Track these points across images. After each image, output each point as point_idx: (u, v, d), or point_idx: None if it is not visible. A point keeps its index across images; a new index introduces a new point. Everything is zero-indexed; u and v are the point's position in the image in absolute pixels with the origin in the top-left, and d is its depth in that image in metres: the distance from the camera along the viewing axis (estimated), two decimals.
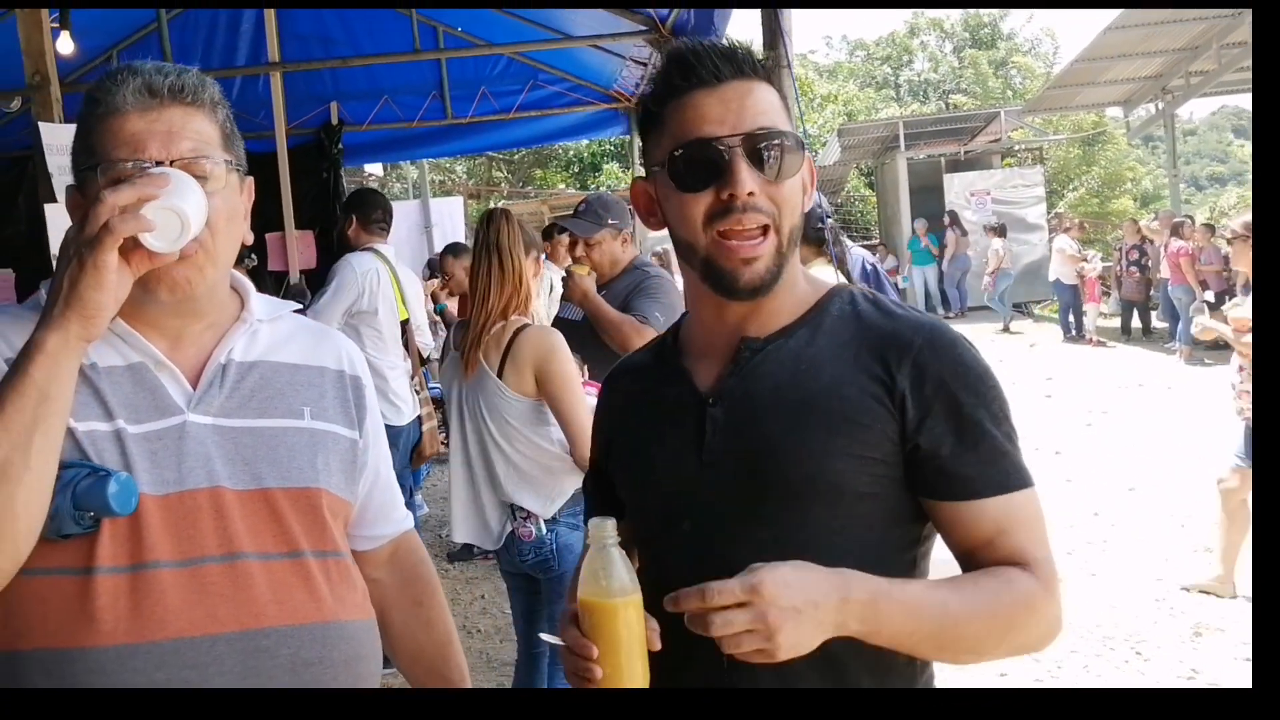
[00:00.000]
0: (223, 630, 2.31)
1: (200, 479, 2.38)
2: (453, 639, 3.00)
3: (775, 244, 2.34)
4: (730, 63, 2.35)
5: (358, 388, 2.75)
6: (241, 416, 2.48)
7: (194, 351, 2.50)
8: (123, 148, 2.33)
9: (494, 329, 5.49)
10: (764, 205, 2.32)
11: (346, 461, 2.64)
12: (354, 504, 2.69)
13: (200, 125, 2.42)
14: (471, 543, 5.85)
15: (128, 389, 2.38)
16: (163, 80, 2.38)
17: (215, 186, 2.38)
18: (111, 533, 2.27)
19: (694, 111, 2.35)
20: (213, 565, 2.34)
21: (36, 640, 2.28)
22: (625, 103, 15.19)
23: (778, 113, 2.36)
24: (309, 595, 2.45)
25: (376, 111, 15.19)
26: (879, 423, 2.30)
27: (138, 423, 2.37)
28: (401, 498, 2.98)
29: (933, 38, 68.96)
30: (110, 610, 2.25)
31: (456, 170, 41.99)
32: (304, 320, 2.82)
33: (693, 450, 2.42)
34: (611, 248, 7.08)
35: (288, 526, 2.45)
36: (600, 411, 2.82)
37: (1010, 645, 2.32)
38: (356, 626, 2.56)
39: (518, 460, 5.48)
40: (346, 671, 2.49)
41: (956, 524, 2.34)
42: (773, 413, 2.35)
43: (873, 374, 2.33)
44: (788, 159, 2.34)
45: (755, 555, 2.12)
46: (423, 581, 2.98)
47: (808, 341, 2.41)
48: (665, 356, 2.64)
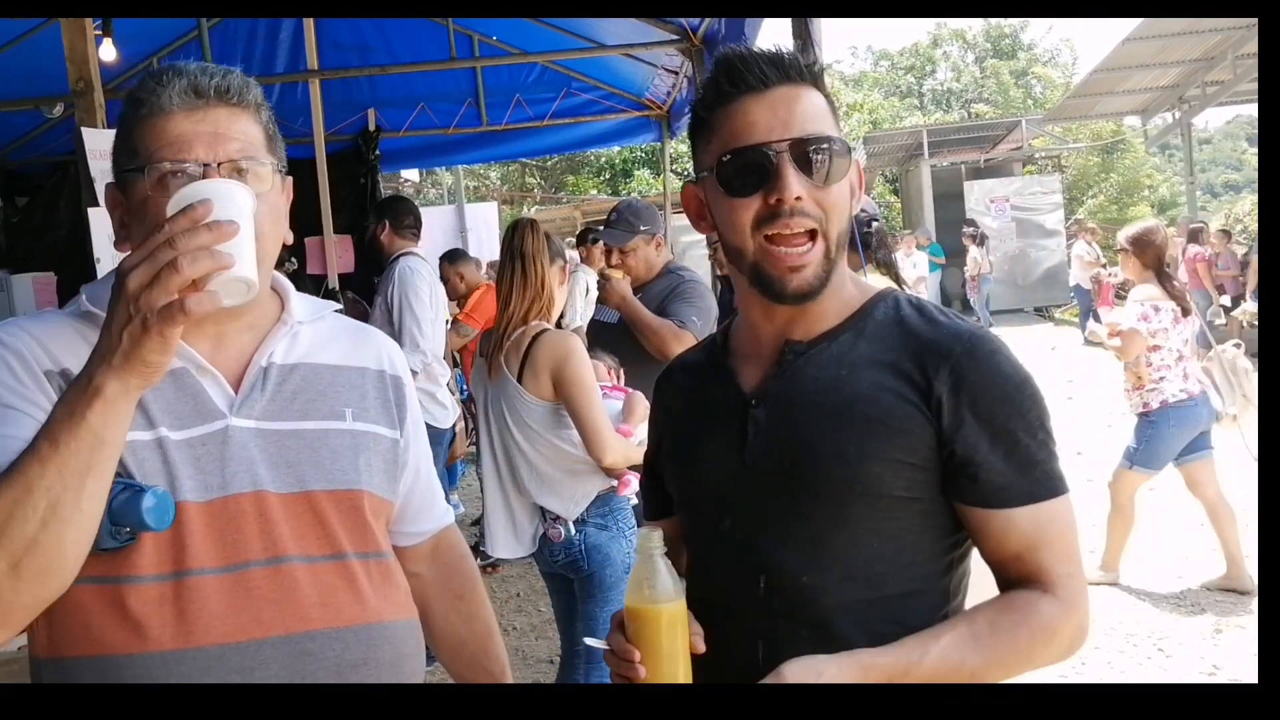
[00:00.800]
0: (268, 634, 2.28)
1: (244, 483, 2.33)
2: (494, 632, 2.97)
3: (823, 249, 2.34)
4: (777, 68, 2.33)
5: (398, 387, 2.71)
6: (284, 419, 2.44)
7: (235, 354, 2.45)
8: (168, 149, 2.29)
9: (515, 334, 5.50)
10: (811, 210, 2.30)
11: (388, 461, 2.61)
12: (396, 503, 2.66)
13: (245, 126, 2.38)
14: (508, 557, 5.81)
15: (169, 395, 2.33)
16: (208, 81, 2.33)
17: (261, 189, 2.33)
18: (154, 542, 2.23)
19: (742, 118, 2.33)
20: (258, 569, 2.31)
21: (82, 648, 2.25)
22: (656, 110, 15.16)
23: (825, 117, 2.35)
24: (353, 597, 2.42)
25: (413, 118, 15.13)
26: (916, 428, 2.29)
27: (180, 429, 2.32)
28: (442, 493, 2.94)
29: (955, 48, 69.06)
30: (155, 617, 2.22)
31: (491, 176, 42.06)
32: (345, 320, 2.77)
33: (735, 450, 2.42)
34: (646, 253, 7.10)
35: (331, 529, 2.42)
36: (655, 409, 2.83)
37: (1032, 668, 2.31)
38: (400, 626, 2.52)
39: (539, 463, 5.47)
40: (391, 672, 2.46)
41: (987, 532, 2.33)
42: (813, 415, 2.34)
43: (911, 380, 2.31)
44: (835, 163, 2.32)
45: (794, 555, 2.18)
46: (464, 575, 2.95)
47: (850, 346, 2.40)
48: (714, 356, 2.63)
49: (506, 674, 2.94)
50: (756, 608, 2.35)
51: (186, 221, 1.92)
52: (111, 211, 2.44)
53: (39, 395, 2.23)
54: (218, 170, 2.28)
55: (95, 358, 1.99)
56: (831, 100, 2.42)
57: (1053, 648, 2.30)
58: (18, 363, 2.26)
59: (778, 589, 2.32)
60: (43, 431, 2.02)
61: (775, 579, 2.30)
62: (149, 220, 2.26)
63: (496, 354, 5.57)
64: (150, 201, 2.28)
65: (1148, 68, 26.22)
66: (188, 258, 1.89)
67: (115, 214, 2.43)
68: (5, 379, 2.24)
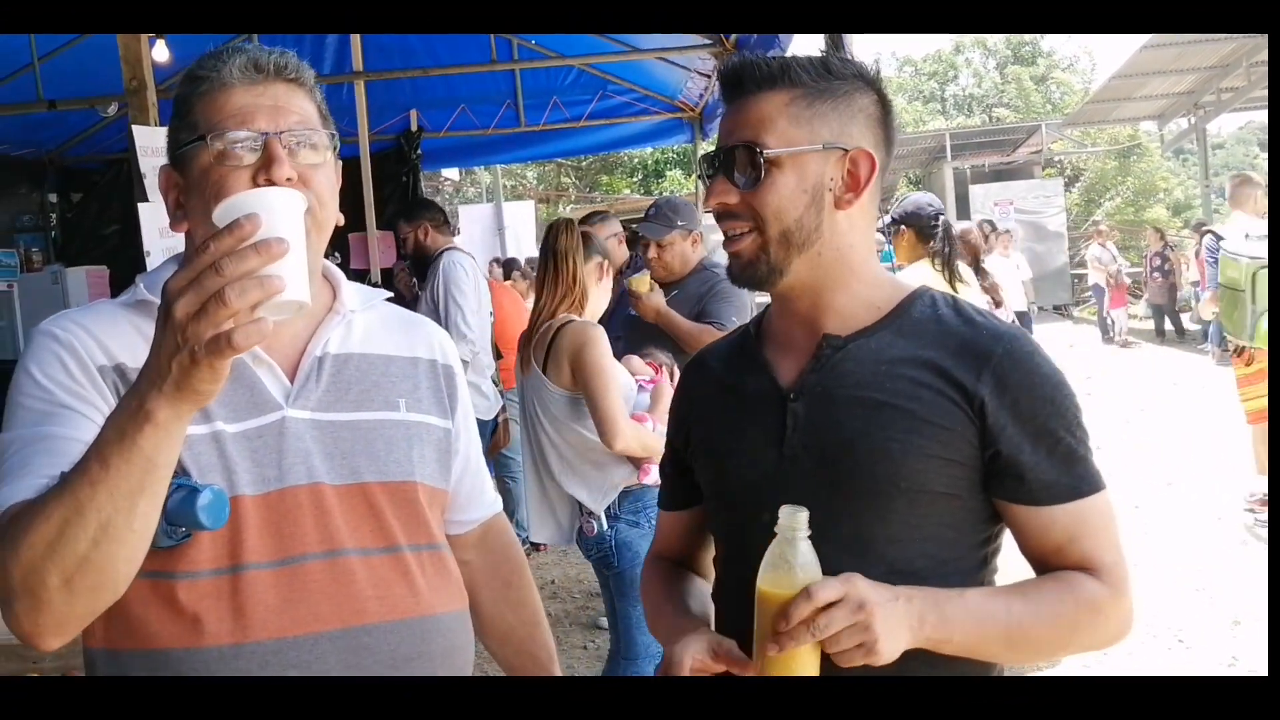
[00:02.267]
0: (325, 628, 2.24)
1: (300, 475, 2.27)
2: (541, 619, 2.92)
3: (757, 242, 2.36)
4: (738, 81, 2.39)
5: (449, 376, 2.66)
6: (339, 410, 2.38)
7: (289, 342, 2.38)
8: (231, 120, 2.23)
9: (543, 328, 5.52)
10: (743, 213, 2.36)
11: (441, 450, 2.56)
12: (449, 491, 2.61)
13: (302, 103, 2.33)
14: (547, 542, 5.83)
15: (225, 387, 2.20)
16: (268, 58, 2.29)
17: (320, 159, 2.31)
18: (210, 537, 2.17)
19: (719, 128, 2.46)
20: (315, 562, 2.26)
21: (139, 642, 2.21)
22: (689, 112, 15.19)
23: (767, 123, 2.34)
24: (408, 590, 2.36)
25: (454, 119, 15.19)
26: (958, 426, 2.26)
27: (236, 421, 2.25)
28: (490, 481, 2.90)
29: (977, 55, 68.98)
30: (211, 612, 2.18)
31: (527, 176, 42.16)
32: (396, 310, 2.71)
33: (773, 443, 2.38)
34: (682, 248, 7.04)
35: (385, 521, 2.36)
36: (679, 398, 2.77)
37: (1077, 646, 2.39)
38: (452, 618, 2.48)
39: (566, 453, 5.47)
40: (444, 663, 2.41)
41: (1030, 528, 2.31)
42: (853, 411, 2.31)
43: (953, 380, 2.28)
44: (755, 169, 2.34)
45: (836, 549, 2.11)
46: (512, 562, 2.90)
47: (889, 342, 2.35)
48: (747, 347, 2.58)
49: (554, 659, 2.90)
50: None
51: (232, 241, 1.71)
52: (166, 194, 2.37)
53: (94, 394, 2.18)
54: (279, 141, 2.22)
55: (145, 380, 1.83)
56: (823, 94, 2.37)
57: (1099, 629, 2.30)
58: (72, 360, 2.20)
59: None
60: (93, 451, 1.88)
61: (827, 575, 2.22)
62: (208, 192, 2.21)
63: (526, 348, 5.62)
64: (211, 171, 2.23)
65: (1164, 74, 26.22)
66: (235, 289, 1.69)
67: (170, 196, 2.36)
68: (59, 377, 2.18)
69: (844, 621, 1.96)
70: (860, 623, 1.97)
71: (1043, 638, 2.26)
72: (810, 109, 2.33)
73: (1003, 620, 2.19)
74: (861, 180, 2.37)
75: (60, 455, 2.04)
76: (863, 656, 1.99)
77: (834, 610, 1.96)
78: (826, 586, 1.98)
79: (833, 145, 2.34)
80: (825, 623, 1.95)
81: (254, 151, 2.22)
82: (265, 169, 2.21)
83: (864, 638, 1.97)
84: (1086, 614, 2.26)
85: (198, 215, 2.27)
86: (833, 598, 1.97)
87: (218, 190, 2.18)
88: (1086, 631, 2.29)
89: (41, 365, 2.20)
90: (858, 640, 1.97)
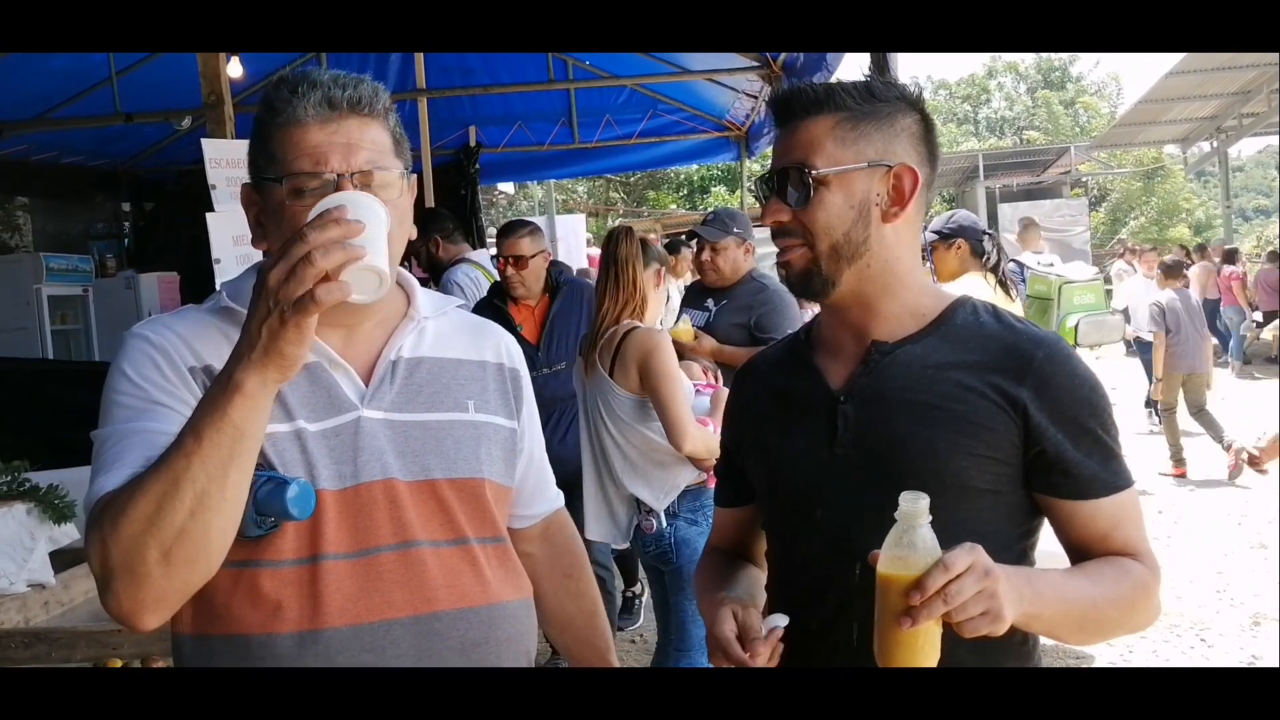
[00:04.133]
0: (398, 615, 2.28)
1: (375, 471, 2.32)
2: (600, 609, 2.95)
3: (808, 256, 2.41)
4: (789, 106, 2.44)
5: (515, 379, 2.68)
6: (411, 411, 2.41)
7: (365, 348, 2.43)
8: (304, 160, 2.26)
9: (608, 333, 5.51)
10: (795, 230, 2.41)
11: (507, 450, 2.59)
12: (514, 488, 2.64)
13: (375, 135, 2.34)
14: (601, 539, 5.83)
15: (305, 388, 2.30)
16: (341, 94, 2.30)
17: (391, 195, 2.32)
18: (294, 528, 2.23)
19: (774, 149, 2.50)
20: (388, 553, 2.30)
21: (223, 627, 2.26)
22: (736, 131, 15.20)
23: (814, 145, 2.39)
24: (475, 579, 2.41)
25: (511, 135, 15.26)
26: (1001, 426, 2.32)
27: (316, 420, 2.30)
28: (553, 478, 2.92)
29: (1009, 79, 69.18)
30: (292, 599, 2.23)
31: (578, 190, 42.28)
32: (466, 316, 2.75)
33: (825, 444, 2.42)
34: (735, 255, 7.18)
35: (453, 515, 2.40)
36: (733, 402, 2.80)
37: (1129, 626, 2.43)
38: (517, 606, 2.52)
39: (630, 453, 5.45)
40: (509, 649, 2.46)
41: (1074, 520, 2.37)
42: (902, 412, 2.36)
43: (995, 383, 2.34)
44: (805, 188, 2.38)
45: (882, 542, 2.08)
46: (572, 555, 2.93)
47: (934, 348, 2.41)
48: (798, 352, 2.63)
49: (611, 648, 2.93)
50: (851, 593, 2.31)
51: (320, 220, 1.91)
52: (247, 209, 2.42)
53: (184, 391, 2.23)
54: (351, 181, 2.25)
55: (235, 355, 1.96)
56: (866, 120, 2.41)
57: (1146, 611, 2.38)
58: (164, 360, 2.26)
59: (873, 576, 2.23)
60: (188, 426, 1.99)
61: (871, 567, 2.20)
62: (284, 226, 2.24)
63: (591, 352, 5.58)
64: (285, 209, 2.26)
65: (1188, 100, 26.22)
66: (320, 250, 1.87)
67: (251, 212, 2.41)
68: (153, 376, 2.24)
69: (973, 588, 1.95)
70: (986, 589, 1.97)
71: (1107, 618, 2.32)
72: (854, 130, 2.37)
73: (1080, 599, 2.24)
74: (906, 194, 2.40)
75: (153, 448, 2.08)
76: (988, 624, 1.99)
77: (964, 578, 1.96)
78: (958, 557, 1.97)
79: (877, 163, 2.38)
80: (956, 590, 1.94)
81: (324, 192, 2.23)
82: None
83: (989, 604, 1.97)
84: (1141, 596, 2.33)
85: (275, 239, 2.31)
86: (964, 568, 1.96)
87: (294, 226, 2.17)
88: (1140, 612, 2.37)
89: (135, 365, 2.25)
90: (983, 607, 1.97)
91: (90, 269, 14.35)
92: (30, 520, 5.20)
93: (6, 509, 5.12)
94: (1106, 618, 2.31)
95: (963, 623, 1.98)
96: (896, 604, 1.99)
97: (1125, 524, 2.36)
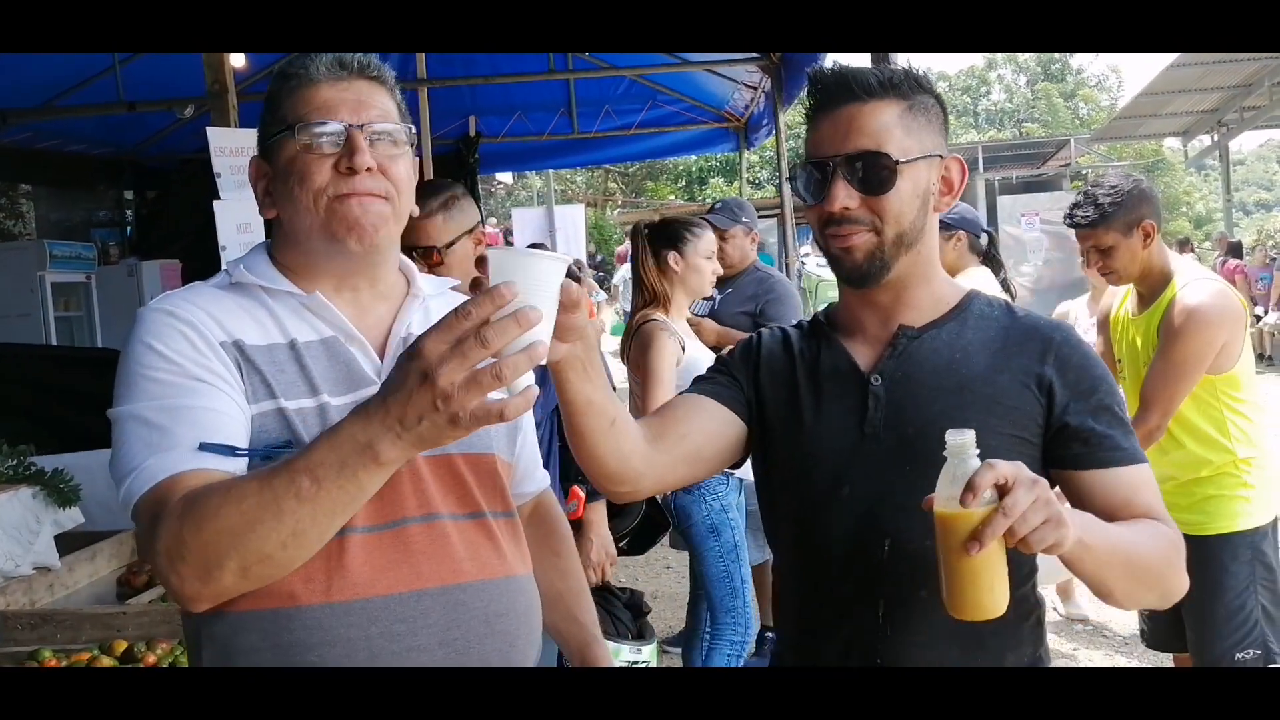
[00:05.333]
0: (426, 586, 2.29)
1: None
2: (585, 588, 2.99)
3: (874, 241, 2.42)
4: (846, 88, 2.41)
5: None
6: None
7: (374, 322, 2.46)
8: (316, 112, 2.32)
9: (632, 327, 5.84)
10: (863, 217, 2.40)
11: (510, 427, 2.61)
12: (514, 465, 2.68)
13: (383, 99, 2.41)
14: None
15: (325, 363, 2.34)
16: (352, 57, 2.40)
17: (399, 152, 2.39)
18: None
19: (814, 133, 2.47)
20: (414, 525, 2.31)
21: (250, 603, 2.21)
22: (735, 122, 15.24)
23: (886, 133, 2.39)
24: (494, 552, 2.43)
25: (510, 125, 15.30)
26: (1027, 405, 2.41)
27: (338, 395, 2.32)
28: (541, 458, 2.98)
29: (1008, 71, 68.89)
30: (320, 572, 2.21)
31: (576, 180, 42.21)
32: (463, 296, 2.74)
33: (855, 422, 2.47)
34: (742, 243, 7.35)
35: (470, 489, 2.43)
36: (748, 347, 2.75)
37: (1168, 584, 2.38)
38: (528, 579, 2.55)
39: None
40: (526, 620, 2.49)
41: (1095, 490, 2.40)
42: (932, 394, 2.43)
43: (1021, 365, 2.43)
44: (886, 176, 2.39)
45: (918, 522, 2.14)
46: (560, 534, 2.98)
47: (957, 334, 2.50)
48: (821, 332, 2.65)
49: (596, 624, 2.95)
50: (878, 570, 2.39)
51: (491, 308, 1.77)
52: (255, 183, 2.46)
53: (220, 366, 2.23)
54: (360, 131, 2.31)
55: (378, 423, 1.87)
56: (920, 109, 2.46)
57: (1179, 571, 2.38)
58: (195, 334, 2.25)
59: (901, 553, 2.36)
60: (304, 465, 1.93)
61: (899, 544, 2.34)
62: (293, 178, 2.32)
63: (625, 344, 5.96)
64: (297, 159, 2.32)
65: (1189, 93, 26.06)
66: (509, 365, 1.78)
67: (259, 184, 2.45)
68: (186, 350, 2.22)
69: (1028, 497, 1.93)
70: (1042, 497, 1.95)
71: (1151, 567, 2.31)
72: (915, 120, 2.43)
73: (1124, 540, 2.24)
74: (955, 184, 2.52)
75: (200, 426, 2.13)
76: (1053, 531, 1.96)
77: (1015, 490, 1.93)
78: (1000, 462, 1.96)
79: (935, 154, 2.45)
80: (1012, 501, 1.92)
81: (337, 142, 2.31)
82: (347, 158, 2.29)
83: (1048, 512, 1.95)
84: (1175, 553, 2.35)
85: (284, 200, 2.37)
86: (1010, 472, 1.94)
87: (303, 175, 2.29)
88: (1176, 572, 2.36)
89: (164, 339, 2.23)
90: (1044, 515, 1.94)
91: (93, 256, 14.36)
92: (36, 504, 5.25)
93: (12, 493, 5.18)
94: (1151, 567, 2.30)
95: (1028, 538, 1.94)
96: (960, 537, 1.97)
97: (1145, 491, 2.40)
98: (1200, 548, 4.35)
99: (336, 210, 2.31)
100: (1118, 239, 4.74)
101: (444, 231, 4.25)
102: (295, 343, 2.33)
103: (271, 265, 2.42)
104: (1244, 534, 4.62)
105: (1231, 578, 4.59)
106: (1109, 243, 4.74)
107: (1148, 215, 4.73)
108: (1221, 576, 4.59)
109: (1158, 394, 4.61)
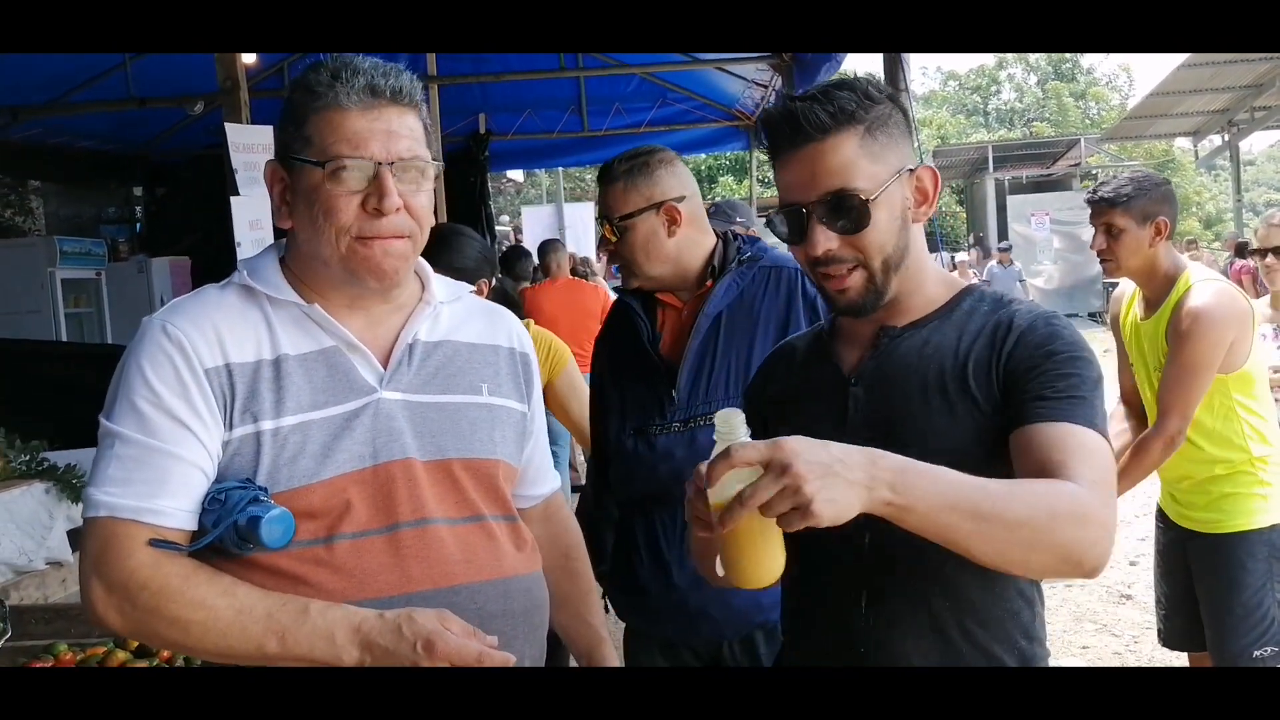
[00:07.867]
0: (418, 589, 2.33)
1: (394, 451, 2.39)
2: (594, 589, 3.03)
3: (864, 276, 2.41)
4: (799, 130, 2.35)
5: (526, 364, 2.76)
6: (428, 392, 2.49)
7: (383, 332, 2.49)
8: (345, 145, 2.31)
9: None
10: (846, 255, 2.38)
11: (518, 432, 2.66)
12: (521, 469, 2.71)
13: (413, 124, 2.40)
14: None
15: (321, 374, 2.38)
16: (384, 82, 2.35)
17: (425, 184, 2.41)
18: None
19: (782, 177, 2.43)
20: (406, 530, 2.36)
21: None
22: (745, 121, 15.24)
23: (851, 167, 2.34)
24: (491, 554, 2.47)
25: (521, 122, 15.30)
26: (990, 387, 2.35)
27: (333, 405, 2.37)
28: (552, 461, 3.00)
29: (1018, 70, 68.72)
30: (312, 575, 2.29)
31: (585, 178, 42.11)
32: (479, 301, 2.83)
33: (836, 425, 2.43)
34: None
35: (467, 494, 2.47)
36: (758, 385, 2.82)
37: (1057, 539, 2.11)
38: (531, 579, 2.58)
39: None
40: (525, 621, 2.52)
41: (1026, 449, 2.25)
42: (903, 389, 2.42)
43: (986, 345, 2.39)
44: (860, 214, 2.35)
45: None
46: (570, 535, 3.00)
47: (937, 330, 2.47)
48: (820, 339, 2.69)
49: (604, 626, 2.98)
50: (860, 561, 2.39)
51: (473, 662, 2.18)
52: (271, 187, 2.46)
53: (199, 400, 2.28)
54: (389, 170, 2.32)
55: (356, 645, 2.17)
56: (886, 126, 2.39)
57: (1077, 526, 2.10)
58: (182, 363, 2.29)
59: (880, 545, 2.34)
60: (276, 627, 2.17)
61: (878, 535, 2.27)
62: (318, 207, 2.33)
63: None
64: (322, 191, 2.32)
65: (1200, 93, 26.00)
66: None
67: (275, 189, 2.45)
68: (171, 382, 2.28)
69: (771, 488, 1.90)
70: (789, 486, 1.90)
71: (1018, 516, 2.06)
72: (876, 142, 2.37)
73: (975, 491, 2.06)
74: (930, 193, 2.48)
75: (164, 482, 2.24)
76: (800, 520, 1.92)
77: (761, 480, 1.91)
78: (748, 446, 1.95)
79: (903, 169, 2.41)
80: (750, 493, 1.91)
81: (365, 179, 2.32)
82: (376, 198, 2.30)
83: (795, 500, 1.90)
84: (1066, 503, 2.11)
85: (304, 221, 2.38)
86: (753, 457, 1.93)
87: (329, 211, 2.31)
88: (1066, 523, 2.09)
89: (154, 365, 2.29)
90: (789, 504, 1.90)
91: (103, 253, 14.38)
92: (49, 499, 5.28)
93: (25, 488, 5.21)
94: (1013, 516, 2.06)
95: (778, 521, 1.94)
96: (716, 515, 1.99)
97: (1075, 459, 2.18)
98: (1217, 546, 4.48)
99: (358, 251, 2.34)
100: (1130, 225, 4.73)
101: (622, 202, 3.54)
102: (286, 357, 2.36)
103: (279, 273, 2.45)
104: (1260, 532, 4.62)
105: (1249, 575, 4.59)
106: (1120, 225, 4.73)
107: (1164, 214, 4.74)
108: (1238, 574, 4.59)
109: (1174, 399, 4.61)
